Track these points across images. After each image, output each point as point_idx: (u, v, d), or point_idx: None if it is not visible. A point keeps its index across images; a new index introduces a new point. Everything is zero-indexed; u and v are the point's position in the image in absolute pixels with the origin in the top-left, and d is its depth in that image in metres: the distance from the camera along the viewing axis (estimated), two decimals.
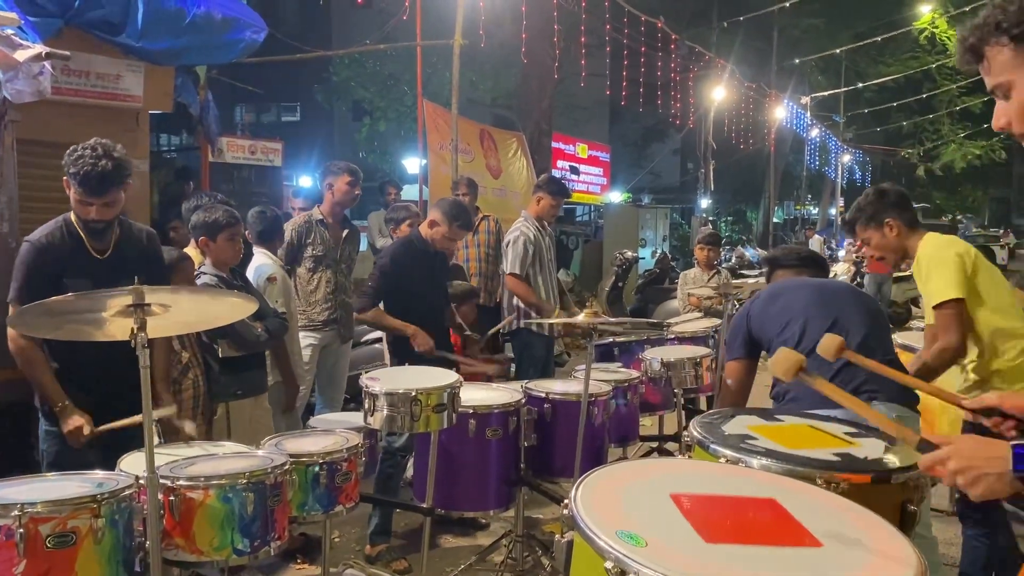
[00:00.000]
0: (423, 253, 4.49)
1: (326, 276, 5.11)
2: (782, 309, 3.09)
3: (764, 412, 2.74)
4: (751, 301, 3.25)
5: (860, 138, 32.41)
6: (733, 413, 2.64)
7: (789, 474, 2.09)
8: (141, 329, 2.11)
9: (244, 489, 2.45)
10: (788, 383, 2.46)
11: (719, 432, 2.38)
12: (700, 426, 2.41)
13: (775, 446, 2.28)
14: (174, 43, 6.40)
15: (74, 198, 3.04)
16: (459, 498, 3.47)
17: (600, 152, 23.45)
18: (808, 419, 2.63)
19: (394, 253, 4.46)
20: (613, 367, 4.50)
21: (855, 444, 2.37)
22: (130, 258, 3.16)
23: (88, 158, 2.94)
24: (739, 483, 1.94)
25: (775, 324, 3.06)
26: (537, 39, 11.91)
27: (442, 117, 10.39)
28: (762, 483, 1.97)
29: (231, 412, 3.91)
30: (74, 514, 2.17)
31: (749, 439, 2.33)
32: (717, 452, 2.25)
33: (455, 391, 3.08)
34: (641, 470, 2.00)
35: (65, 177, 3.05)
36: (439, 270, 4.66)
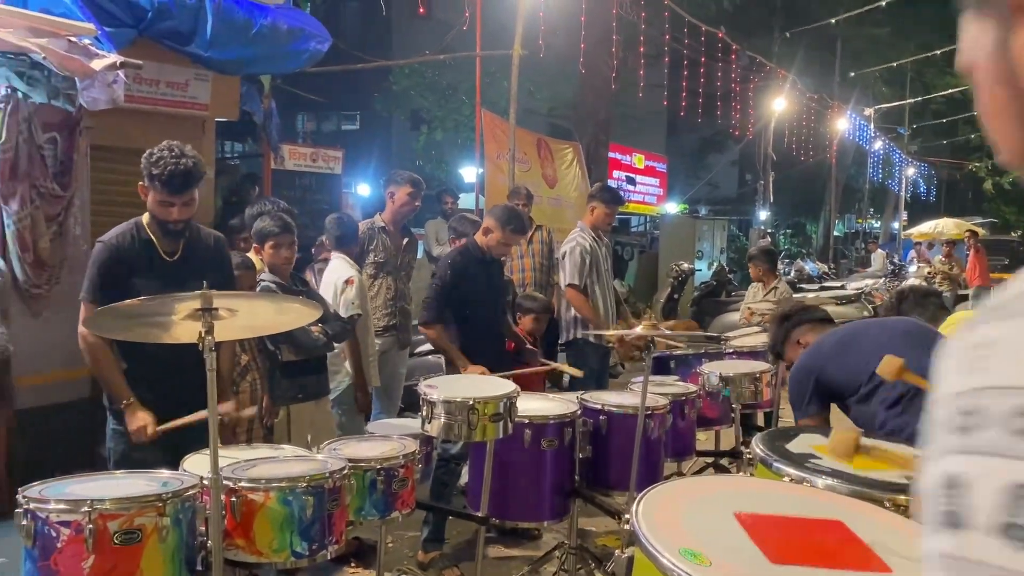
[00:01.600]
0: (480, 261, 4.51)
1: (386, 283, 5.17)
2: (861, 358, 2.93)
3: (828, 431, 2.68)
4: (814, 351, 3.08)
5: (926, 150, 31.59)
6: (797, 431, 2.58)
7: (856, 495, 2.04)
8: (209, 333, 2.15)
9: (304, 492, 2.47)
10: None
11: (783, 450, 2.33)
12: (763, 443, 2.36)
13: (841, 466, 2.23)
14: (241, 53, 6.57)
15: (154, 199, 3.10)
16: (513, 508, 3.45)
17: (657, 162, 23.29)
18: (875, 439, 2.57)
19: (452, 262, 4.49)
20: (670, 380, 4.44)
21: None
22: (198, 261, 3.24)
23: (168, 159, 3.02)
24: (804, 503, 1.89)
25: (863, 370, 2.88)
26: (596, 49, 11.89)
27: (500, 127, 10.45)
28: (828, 504, 1.92)
29: (292, 415, 3.97)
30: (140, 512, 2.21)
31: (813, 458, 2.28)
32: (781, 470, 2.20)
33: (512, 401, 3.08)
34: (703, 487, 1.97)
35: (141, 182, 3.12)
36: (496, 278, 4.68)
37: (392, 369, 5.28)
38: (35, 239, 5.06)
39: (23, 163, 4.97)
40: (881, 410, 2.74)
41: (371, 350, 4.83)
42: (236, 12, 6.40)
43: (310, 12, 10.39)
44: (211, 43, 6.20)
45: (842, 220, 34.08)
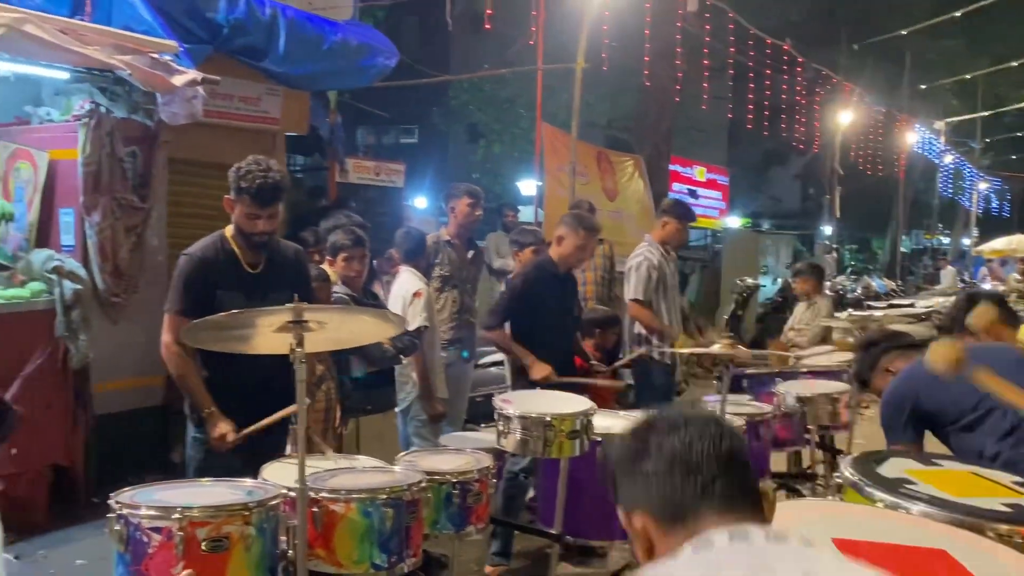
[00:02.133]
0: (553, 276, 4.50)
1: (452, 296, 5.20)
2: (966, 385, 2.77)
3: (921, 456, 2.58)
4: (909, 377, 2.96)
5: (999, 165, 30.59)
6: (887, 454, 2.49)
7: (955, 523, 1.95)
8: (300, 344, 2.18)
9: (383, 504, 2.48)
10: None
11: (875, 474, 2.25)
12: (854, 468, 2.28)
13: (938, 492, 2.14)
14: (313, 68, 6.69)
15: (241, 212, 3.16)
16: (585, 525, 3.41)
17: (718, 175, 23.00)
18: (969, 465, 2.47)
19: (526, 274, 4.50)
20: (744, 399, 4.36)
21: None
22: (280, 273, 3.29)
23: (257, 172, 3.08)
24: (904, 530, 1.83)
25: (968, 397, 2.78)
26: (658, 62, 11.82)
27: (560, 140, 10.44)
28: (928, 532, 1.85)
29: (361, 427, 4.00)
30: (228, 520, 2.24)
31: (908, 483, 2.20)
32: (873, 496, 2.13)
33: (589, 418, 3.05)
34: (800, 511, 1.92)
35: (227, 196, 3.19)
36: (569, 295, 4.66)
37: (456, 382, 5.29)
38: (115, 249, 5.22)
39: (105, 176, 5.14)
40: (991, 441, 2.63)
41: (438, 362, 4.86)
42: (308, 28, 6.53)
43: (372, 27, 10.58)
44: (284, 59, 6.34)
45: (909, 236, 33.19)
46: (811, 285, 6.89)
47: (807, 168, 25.72)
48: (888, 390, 2.97)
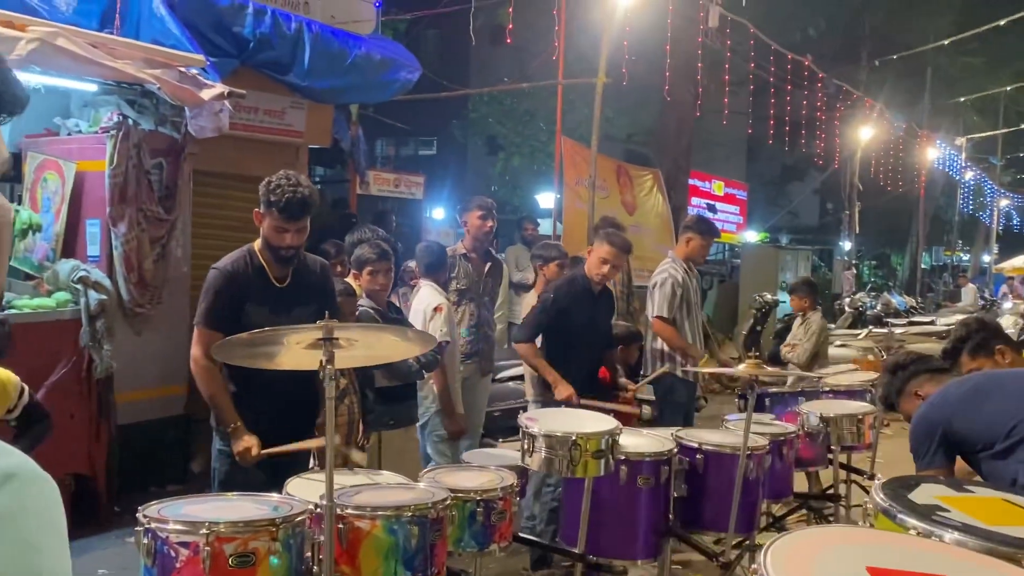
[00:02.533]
0: (586, 292, 4.52)
1: (469, 309, 5.20)
2: (999, 411, 2.77)
3: (953, 482, 2.55)
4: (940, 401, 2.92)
5: (1020, 182, 30.35)
6: (918, 480, 2.46)
7: (990, 552, 1.92)
8: (329, 362, 2.19)
9: (409, 522, 2.48)
10: None
11: (907, 500, 2.23)
12: (885, 493, 2.26)
13: (972, 520, 2.11)
14: (336, 82, 6.75)
15: (270, 226, 3.18)
16: (607, 545, 3.40)
17: (737, 190, 22.96)
18: (1001, 492, 2.44)
19: (558, 289, 4.53)
20: (767, 419, 4.33)
21: None
22: (306, 287, 3.30)
23: (287, 187, 3.10)
24: (938, 560, 1.80)
25: (1001, 423, 2.74)
26: (679, 77, 11.83)
27: (580, 154, 10.45)
28: (963, 562, 1.82)
29: (383, 442, 4.00)
30: (254, 535, 2.25)
31: (941, 511, 2.17)
32: (905, 523, 2.10)
33: (615, 438, 3.04)
34: (832, 537, 1.90)
35: (257, 209, 3.21)
36: (602, 312, 4.66)
37: (474, 396, 5.27)
38: (140, 260, 5.26)
39: (131, 187, 5.19)
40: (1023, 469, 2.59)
41: (456, 377, 4.86)
42: (333, 43, 6.59)
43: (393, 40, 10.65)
44: (308, 73, 6.40)
45: (929, 252, 32.94)
46: (805, 302, 6.93)
47: (826, 183, 25.58)
48: (918, 415, 2.93)
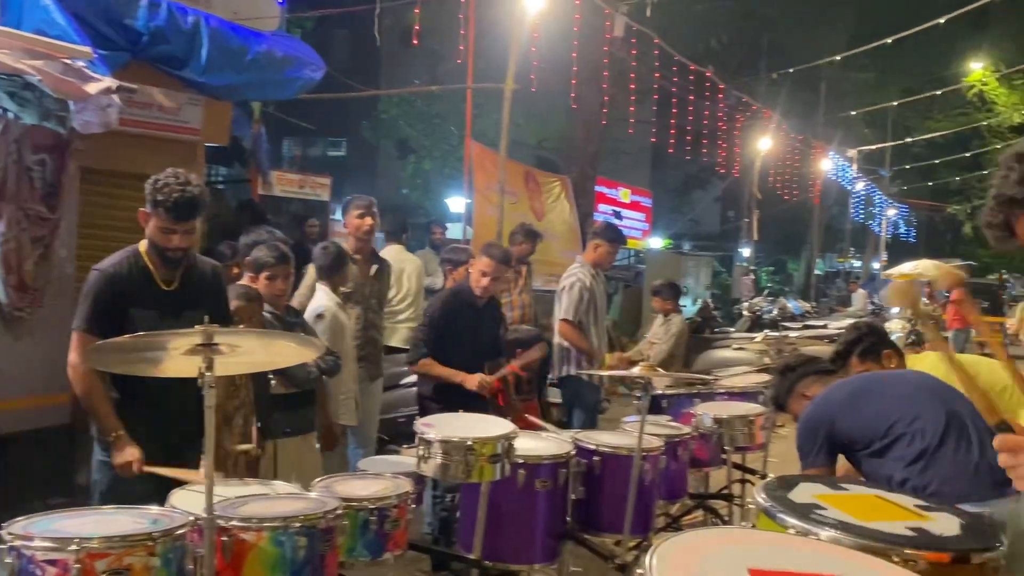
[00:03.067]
0: (470, 305, 4.49)
1: (355, 313, 5.06)
2: (884, 405, 2.91)
3: (830, 481, 2.65)
4: (824, 402, 3.04)
5: (906, 193, 32.05)
6: (797, 480, 2.55)
7: (863, 548, 2.00)
8: (209, 369, 2.10)
9: (297, 533, 2.41)
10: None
11: (786, 500, 2.30)
12: (766, 493, 2.33)
13: (846, 517, 2.19)
14: (235, 79, 6.55)
15: (156, 226, 3.05)
16: (505, 549, 3.38)
17: (642, 197, 23.43)
18: (875, 489, 2.55)
19: (443, 303, 4.49)
20: (663, 420, 4.42)
21: (928, 518, 2.28)
22: (196, 291, 3.19)
23: (174, 185, 2.98)
24: (817, 559, 1.86)
25: (878, 424, 2.87)
26: (586, 85, 12.00)
27: (489, 158, 10.47)
28: (840, 559, 1.88)
29: (279, 450, 3.89)
30: (129, 551, 2.14)
31: (818, 509, 2.25)
32: (785, 522, 2.17)
33: (511, 442, 3.03)
34: (715, 540, 1.93)
35: (143, 209, 3.07)
36: (488, 324, 4.64)
37: (365, 403, 5.16)
38: (20, 261, 4.97)
39: (11, 184, 4.90)
40: (899, 467, 2.71)
41: (345, 387, 4.70)
42: (232, 38, 6.39)
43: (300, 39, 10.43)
44: (206, 68, 6.19)
45: (823, 259, 34.42)
46: (668, 304, 7.18)
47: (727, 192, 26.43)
48: (804, 415, 3.04)
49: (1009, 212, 1.66)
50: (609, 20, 10.62)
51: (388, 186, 23.80)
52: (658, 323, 7.31)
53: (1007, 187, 1.65)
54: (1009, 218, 1.67)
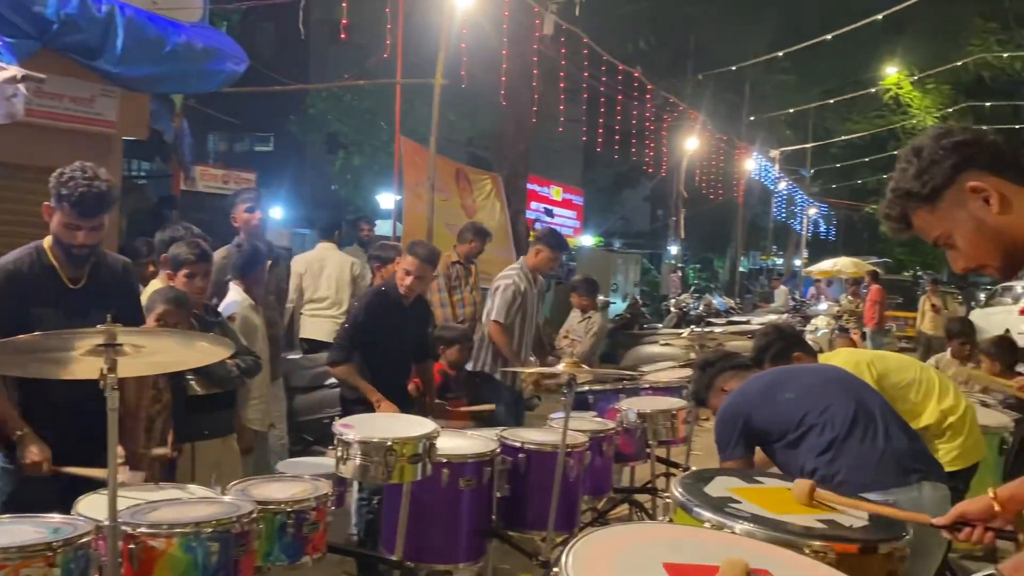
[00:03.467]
0: (396, 305, 4.43)
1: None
2: (795, 399, 2.97)
3: (744, 473, 2.70)
4: (740, 396, 3.11)
5: (826, 192, 33.09)
6: (713, 474, 2.59)
7: (775, 541, 2.04)
8: (112, 370, 2.01)
9: (208, 538, 2.34)
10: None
11: (702, 494, 2.33)
12: (682, 487, 2.35)
13: (760, 510, 2.24)
14: (153, 71, 6.34)
15: (60, 222, 2.90)
16: (428, 550, 3.35)
17: (574, 195, 23.66)
18: (788, 482, 2.59)
19: (368, 302, 4.41)
20: (588, 416, 4.45)
21: (839, 510, 2.34)
22: (104, 289, 3.05)
23: (81, 180, 2.83)
24: (729, 551, 1.88)
25: (791, 417, 2.93)
26: (516, 82, 12.01)
27: (419, 155, 10.38)
28: (754, 552, 1.91)
29: (197, 453, 3.78)
30: (27, 562, 2.04)
31: (733, 502, 2.29)
32: (700, 516, 2.20)
33: (432, 441, 3.00)
34: (631, 536, 1.94)
35: (47, 203, 2.92)
36: (413, 324, 4.58)
37: (277, 405, 5.05)
38: None
39: None
40: (810, 458, 2.79)
41: (259, 391, 4.54)
42: (149, 28, 6.18)
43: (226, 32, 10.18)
44: (121, 59, 5.97)
45: (748, 256, 35.30)
46: (585, 300, 7.27)
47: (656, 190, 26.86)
48: (721, 408, 3.10)
49: (906, 205, 1.72)
50: (538, 19, 10.64)
51: (317, 182, 23.43)
52: (576, 319, 7.35)
53: (905, 181, 1.70)
54: (906, 211, 1.72)
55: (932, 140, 1.69)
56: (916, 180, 1.67)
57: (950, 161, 1.65)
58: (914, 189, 1.68)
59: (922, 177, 1.67)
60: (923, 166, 1.67)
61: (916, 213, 1.71)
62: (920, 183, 1.67)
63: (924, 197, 1.67)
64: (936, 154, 1.66)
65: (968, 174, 1.64)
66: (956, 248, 1.69)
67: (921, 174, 1.67)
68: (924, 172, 1.67)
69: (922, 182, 1.67)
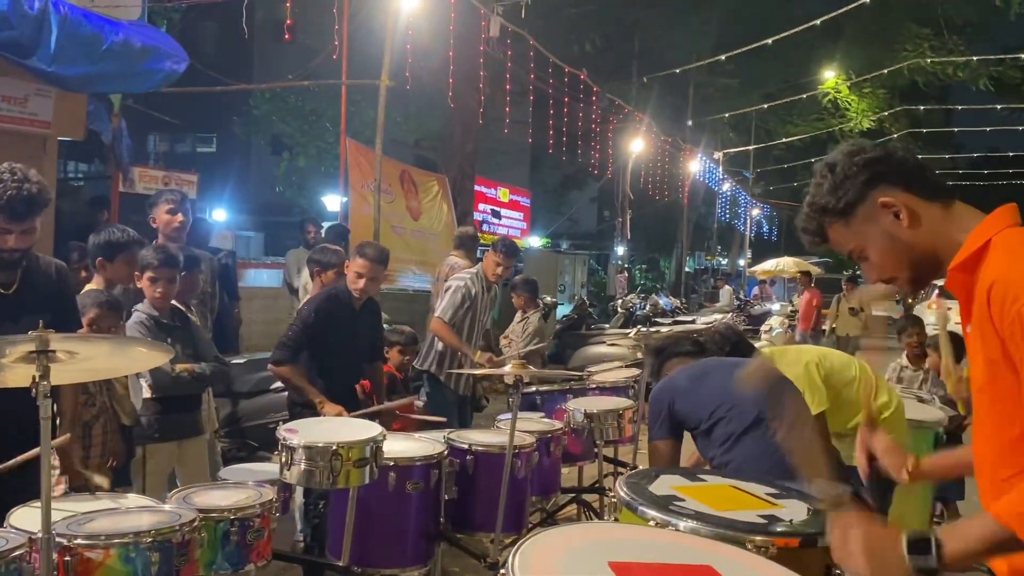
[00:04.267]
0: (347, 308, 4.38)
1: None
2: (706, 395, 3.11)
3: (687, 472, 2.76)
4: (670, 381, 3.23)
5: (768, 193, 33.78)
6: (657, 472, 2.63)
7: (719, 537, 2.08)
8: (44, 377, 1.95)
9: (148, 548, 2.28)
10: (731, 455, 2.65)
11: (646, 492, 2.36)
12: (627, 486, 2.38)
13: (703, 508, 2.27)
14: (89, 69, 6.17)
15: None
16: (375, 555, 3.32)
17: (521, 197, 23.70)
18: (729, 479, 2.64)
19: (318, 306, 4.32)
20: (536, 417, 4.46)
21: (778, 506, 2.38)
22: (38, 294, 2.95)
23: (9, 182, 2.74)
24: (674, 550, 1.92)
25: (704, 407, 3.08)
26: (463, 84, 12.00)
27: (365, 156, 10.30)
28: (696, 549, 1.95)
29: (147, 456, 3.70)
30: None
31: (677, 500, 2.32)
32: (645, 514, 2.22)
33: (378, 444, 2.97)
34: (577, 536, 1.96)
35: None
36: (364, 326, 4.53)
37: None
38: None
39: None
40: (715, 447, 2.93)
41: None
42: (84, 26, 6.02)
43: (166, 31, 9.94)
44: (55, 57, 5.80)
45: (693, 257, 35.81)
46: (525, 299, 7.32)
47: (602, 192, 27.08)
48: (653, 391, 3.21)
49: (821, 219, 1.75)
50: (485, 20, 10.65)
51: (262, 184, 23.08)
52: (516, 320, 7.40)
53: (820, 196, 1.74)
54: (822, 224, 1.76)
55: (845, 156, 1.72)
56: (831, 195, 1.71)
57: (862, 177, 1.69)
58: (829, 204, 1.71)
59: (836, 192, 1.70)
60: (837, 181, 1.71)
61: (831, 227, 1.74)
62: (835, 198, 1.71)
63: (839, 212, 1.71)
64: (849, 170, 1.70)
65: (880, 190, 1.67)
66: (869, 261, 1.73)
67: (835, 189, 1.71)
68: (838, 188, 1.70)
69: (836, 197, 1.70)
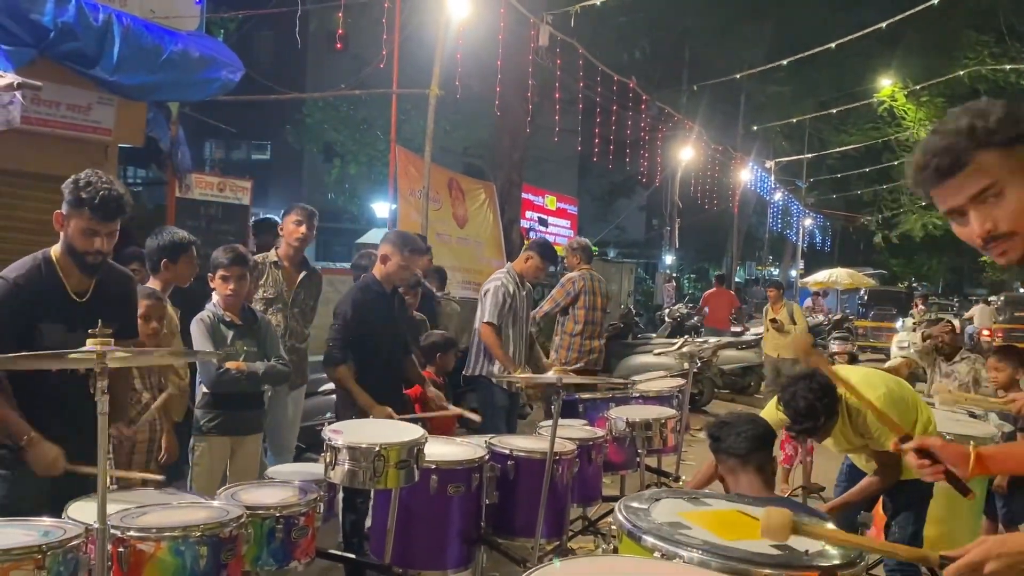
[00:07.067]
0: (380, 295, 4.46)
1: (275, 319, 4.93)
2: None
3: (691, 495, 2.58)
4: None
5: (821, 203, 33.18)
6: (659, 496, 2.46)
7: (730, 571, 1.94)
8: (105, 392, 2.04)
9: (197, 542, 2.37)
10: None
11: (649, 519, 2.19)
12: (628, 512, 2.20)
13: (711, 537, 2.10)
14: (149, 79, 6.38)
15: (78, 228, 2.87)
16: (417, 556, 3.37)
17: (568, 205, 23.71)
18: (735, 504, 2.47)
19: (354, 300, 4.41)
20: (578, 424, 4.47)
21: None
22: (108, 302, 3.01)
23: (99, 184, 2.83)
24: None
25: None
26: (511, 92, 12.07)
27: (414, 164, 10.43)
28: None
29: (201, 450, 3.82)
30: (16, 565, 2.07)
31: (683, 528, 2.15)
32: (649, 544, 2.04)
33: (420, 447, 3.03)
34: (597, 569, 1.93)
35: (59, 211, 2.90)
36: (397, 311, 4.62)
37: (282, 411, 5.05)
38: None
39: None
40: None
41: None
42: (145, 37, 6.23)
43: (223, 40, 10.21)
44: (117, 67, 6.01)
45: (743, 266, 35.36)
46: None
47: (651, 200, 26.93)
48: None
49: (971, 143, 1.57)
50: (534, 29, 10.70)
51: (313, 190, 23.48)
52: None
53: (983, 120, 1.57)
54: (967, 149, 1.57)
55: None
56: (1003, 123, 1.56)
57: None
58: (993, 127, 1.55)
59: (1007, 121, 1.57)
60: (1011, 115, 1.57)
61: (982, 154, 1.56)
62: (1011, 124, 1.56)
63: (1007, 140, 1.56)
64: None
65: None
66: (999, 206, 1.57)
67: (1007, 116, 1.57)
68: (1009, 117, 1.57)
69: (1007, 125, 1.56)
